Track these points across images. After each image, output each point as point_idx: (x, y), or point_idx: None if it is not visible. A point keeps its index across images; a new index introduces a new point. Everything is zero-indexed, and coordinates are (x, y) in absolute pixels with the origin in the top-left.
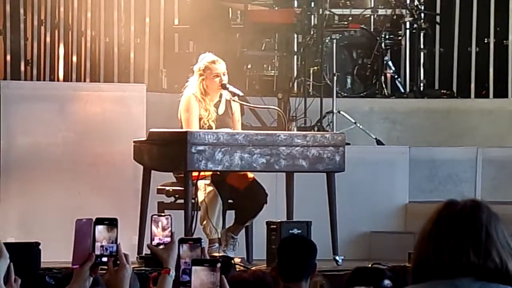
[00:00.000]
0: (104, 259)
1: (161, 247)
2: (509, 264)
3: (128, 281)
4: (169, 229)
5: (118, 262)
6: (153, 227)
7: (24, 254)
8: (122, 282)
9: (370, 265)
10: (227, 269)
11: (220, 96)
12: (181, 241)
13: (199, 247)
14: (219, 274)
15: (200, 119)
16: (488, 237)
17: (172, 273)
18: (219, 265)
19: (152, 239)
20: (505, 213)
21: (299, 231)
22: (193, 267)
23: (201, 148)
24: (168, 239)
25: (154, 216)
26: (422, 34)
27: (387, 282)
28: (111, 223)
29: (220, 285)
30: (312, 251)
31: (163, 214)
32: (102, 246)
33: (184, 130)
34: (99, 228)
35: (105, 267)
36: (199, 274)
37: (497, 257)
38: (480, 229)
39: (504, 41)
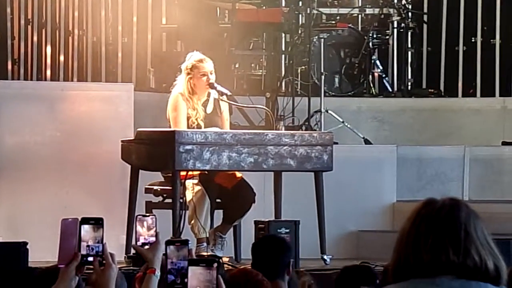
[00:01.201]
0: (90, 258)
1: (146, 247)
2: (488, 262)
3: (114, 280)
4: (154, 229)
5: (104, 261)
6: (138, 227)
7: (12, 254)
8: (108, 282)
9: (358, 263)
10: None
11: (208, 95)
12: (168, 243)
13: (186, 248)
14: (216, 274)
15: (188, 118)
16: (467, 235)
17: (158, 273)
18: (215, 264)
19: (137, 239)
20: (493, 212)
21: (287, 230)
22: (190, 267)
23: (189, 147)
24: (153, 239)
25: (139, 216)
26: (409, 33)
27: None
28: (97, 223)
29: (217, 285)
30: (282, 248)
31: (148, 214)
32: (88, 246)
33: (171, 129)
34: (85, 228)
35: (91, 266)
36: (195, 274)
37: (476, 255)
38: (459, 228)
39: (491, 40)
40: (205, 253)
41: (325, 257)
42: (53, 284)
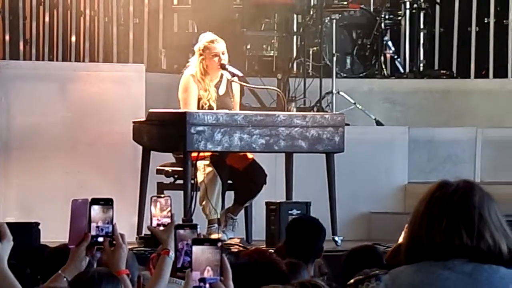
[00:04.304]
0: (100, 239)
1: (161, 228)
2: (502, 245)
3: (124, 260)
4: (168, 209)
5: (114, 242)
6: (152, 208)
7: (24, 234)
8: (119, 262)
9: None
10: None
11: (221, 76)
12: (178, 227)
13: (195, 233)
14: (220, 253)
15: (199, 99)
16: (481, 218)
17: (172, 254)
18: (220, 244)
19: (151, 220)
20: (505, 193)
21: (299, 212)
22: (194, 247)
23: (200, 128)
24: (167, 220)
25: (153, 198)
26: (422, 14)
27: None
28: (107, 203)
29: (221, 264)
30: (321, 234)
31: (162, 195)
32: (98, 227)
33: (183, 110)
34: (95, 209)
35: (102, 246)
36: (199, 254)
37: (490, 238)
38: (472, 211)
39: (504, 21)
40: (216, 235)
41: (336, 238)
42: (62, 263)
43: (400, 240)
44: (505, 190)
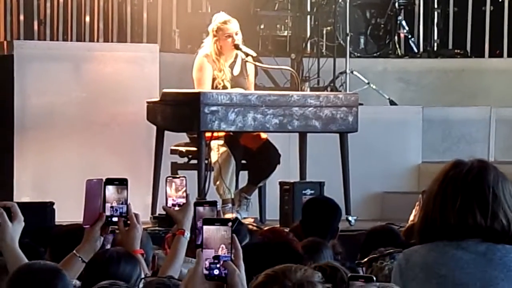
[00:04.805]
0: (115, 219)
1: (176, 208)
2: None
3: (139, 240)
4: (183, 189)
5: (128, 222)
6: (167, 188)
7: (39, 214)
8: (133, 242)
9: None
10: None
11: (236, 56)
12: (197, 204)
13: (215, 210)
14: (231, 233)
15: (214, 79)
16: (495, 198)
17: (187, 234)
18: (230, 223)
19: (166, 201)
20: None
21: (312, 192)
22: (204, 226)
23: (214, 108)
24: (182, 200)
25: (169, 178)
26: None
27: None
28: (121, 183)
29: (231, 243)
30: (337, 214)
31: (177, 175)
32: (112, 207)
33: (197, 90)
34: (109, 189)
35: (116, 227)
36: (213, 232)
37: (504, 218)
38: (487, 191)
39: None
40: (230, 214)
41: (350, 218)
42: (76, 243)
43: (411, 218)
44: None
